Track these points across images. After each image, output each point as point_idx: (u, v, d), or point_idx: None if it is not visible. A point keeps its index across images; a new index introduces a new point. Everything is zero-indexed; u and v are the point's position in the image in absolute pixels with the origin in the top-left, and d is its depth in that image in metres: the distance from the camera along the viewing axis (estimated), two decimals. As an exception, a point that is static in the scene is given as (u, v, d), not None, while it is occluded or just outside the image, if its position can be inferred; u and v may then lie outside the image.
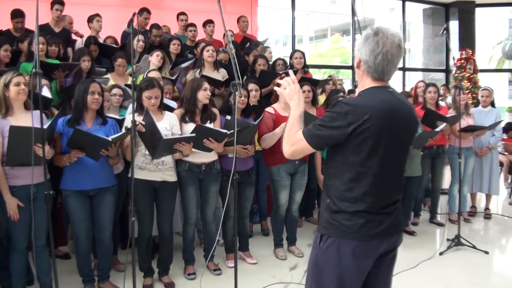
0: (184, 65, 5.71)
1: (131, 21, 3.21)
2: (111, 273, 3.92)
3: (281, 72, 5.45)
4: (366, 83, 2.08)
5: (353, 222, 2.02)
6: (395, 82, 9.53)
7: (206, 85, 4.02)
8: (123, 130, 3.51)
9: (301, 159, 4.39)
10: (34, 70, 2.78)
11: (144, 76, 4.54)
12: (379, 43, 1.99)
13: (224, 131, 3.82)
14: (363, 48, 2.03)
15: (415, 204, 5.66)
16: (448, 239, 4.98)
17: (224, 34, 6.23)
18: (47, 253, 3.52)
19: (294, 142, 2.08)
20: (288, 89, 2.20)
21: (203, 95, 3.99)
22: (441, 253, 4.74)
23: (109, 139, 3.41)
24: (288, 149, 2.11)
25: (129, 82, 4.95)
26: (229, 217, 4.25)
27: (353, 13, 10.24)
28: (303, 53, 6.15)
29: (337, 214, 2.05)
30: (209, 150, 3.90)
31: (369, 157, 1.98)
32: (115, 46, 5.92)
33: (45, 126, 3.08)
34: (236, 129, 3.15)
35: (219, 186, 4.18)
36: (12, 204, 3.27)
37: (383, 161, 2.00)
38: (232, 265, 3.53)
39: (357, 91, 2.15)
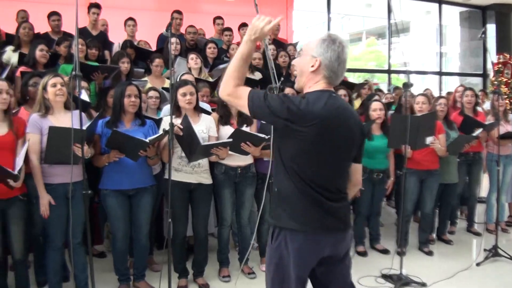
0: (221, 66, 5.73)
1: (170, 25, 3.26)
2: (146, 273, 3.97)
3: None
4: (316, 86, 2.11)
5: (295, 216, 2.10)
6: (432, 87, 9.32)
7: None
8: (161, 131, 3.56)
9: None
10: (74, 72, 2.83)
11: (178, 79, 4.57)
12: (344, 50, 2.07)
13: (262, 135, 3.81)
14: (326, 52, 2.07)
15: (451, 212, 5.52)
16: (485, 250, 4.84)
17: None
18: (83, 251, 3.58)
19: (238, 94, 2.10)
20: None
21: None
22: (478, 264, 4.61)
23: (147, 140, 3.46)
24: (227, 91, 2.12)
25: (166, 84, 5.02)
26: (264, 221, 4.24)
27: (389, 16, 10.13)
28: None
29: (281, 208, 2.13)
30: (246, 153, 3.92)
31: (301, 156, 2.06)
32: (150, 49, 6.00)
33: (85, 127, 3.13)
34: (272, 133, 3.14)
35: (254, 189, 4.18)
36: (45, 200, 3.34)
37: (318, 164, 2.07)
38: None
39: (305, 91, 2.16)
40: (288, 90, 4.60)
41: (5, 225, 3.34)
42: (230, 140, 3.69)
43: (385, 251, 4.89)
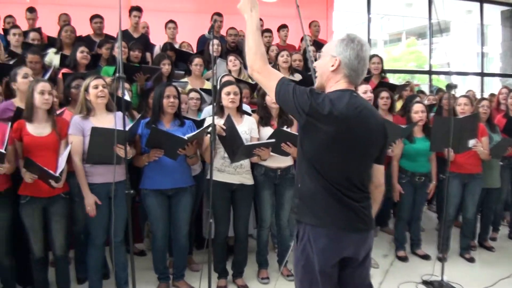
0: None
1: (212, 27, 3.28)
2: (186, 273, 4.00)
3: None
4: (338, 85, 2.11)
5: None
6: (473, 88, 9.08)
7: None
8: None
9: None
10: (117, 74, 2.88)
11: (219, 81, 4.60)
12: (363, 48, 2.07)
13: None
14: (345, 51, 2.08)
15: (494, 217, 5.36)
16: (527, 257, 4.70)
17: (301, 38, 6.21)
18: (124, 250, 3.66)
19: (268, 73, 2.16)
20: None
21: (270, 100, 4.00)
22: (519, 272, 4.46)
23: (185, 137, 3.50)
24: (257, 67, 2.15)
25: (205, 86, 5.08)
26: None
27: (430, 15, 9.92)
28: (381, 58, 6.00)
29: (304, 204, 2.16)
30: (286, 154, 3.91)
31: (322, 153, 2.07)
32: (190, 52, 6.06)
33: (127, 128, 3.18)
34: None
35: (294, 191, 4.16)
36: (90, 200, 3.41)
37: (337, 162, 2.07)
38: (306, 271, 3.49)
39: (326, 91, 2.15)
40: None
41: (46, 222, 3.44)
42: (273, 140, 3.69)
43: (426, 257, 4.78)
